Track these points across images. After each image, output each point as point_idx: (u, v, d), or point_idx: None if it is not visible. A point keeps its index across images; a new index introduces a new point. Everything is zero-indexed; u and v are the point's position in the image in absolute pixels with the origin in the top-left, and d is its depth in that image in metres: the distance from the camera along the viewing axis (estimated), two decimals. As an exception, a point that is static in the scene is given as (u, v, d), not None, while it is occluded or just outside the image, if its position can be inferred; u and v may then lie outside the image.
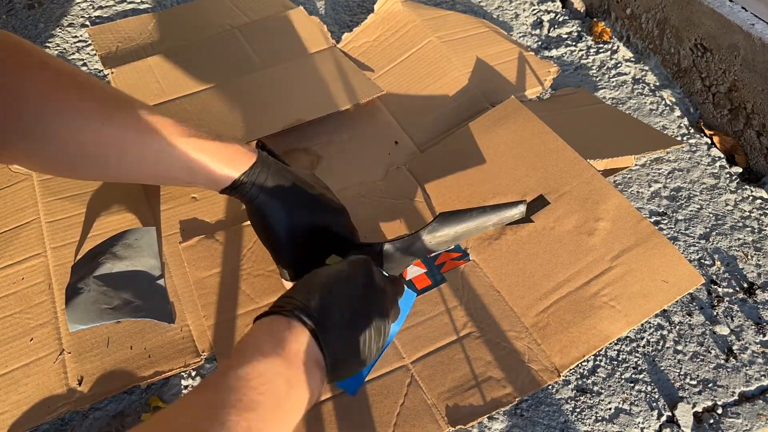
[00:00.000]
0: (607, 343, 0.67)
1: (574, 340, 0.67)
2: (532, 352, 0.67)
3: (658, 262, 0.70)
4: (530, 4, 1.27)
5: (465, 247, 0.76)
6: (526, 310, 0.70)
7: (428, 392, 0.65)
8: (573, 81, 1.09)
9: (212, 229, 0.79)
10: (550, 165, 0.79)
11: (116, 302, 0.70)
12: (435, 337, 0.69)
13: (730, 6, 0.95)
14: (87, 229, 0.79)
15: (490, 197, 0.79)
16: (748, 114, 0.93)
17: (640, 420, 0.66)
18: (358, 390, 0.64)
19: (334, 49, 1.07)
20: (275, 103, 0.95)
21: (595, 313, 0.68)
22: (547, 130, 0.83)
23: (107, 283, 0.71)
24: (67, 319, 0.68)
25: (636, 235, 0.72)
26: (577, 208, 0.75)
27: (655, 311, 0.67)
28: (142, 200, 0.83)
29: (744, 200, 0.88)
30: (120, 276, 0.72)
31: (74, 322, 0.68)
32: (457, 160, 0.84)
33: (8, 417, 0.63)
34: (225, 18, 1.15)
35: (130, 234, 0.75)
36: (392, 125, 0.97)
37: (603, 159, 0.84)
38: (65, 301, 0.69)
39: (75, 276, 0.71)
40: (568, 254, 0.72)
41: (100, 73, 1.09)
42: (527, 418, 0.66)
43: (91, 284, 0.71)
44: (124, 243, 0.74)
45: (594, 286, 0.70)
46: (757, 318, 0.75)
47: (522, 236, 0.75)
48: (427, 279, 0.74)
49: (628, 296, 0.68)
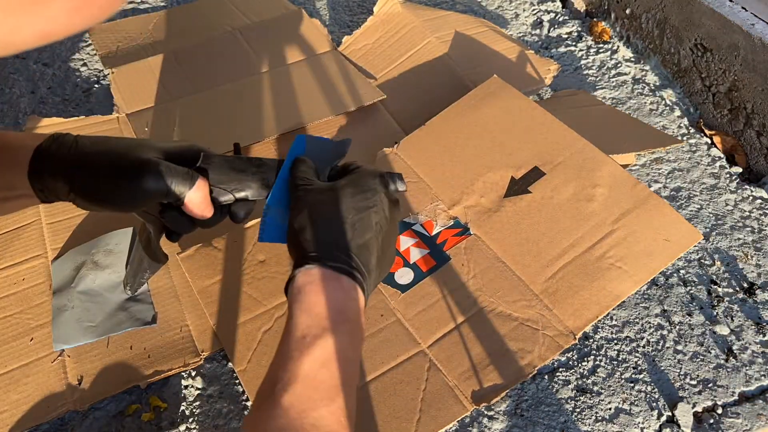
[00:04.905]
0: (618, 302, 0.68)
1: (585, 302, 0.68)
2: (545, 318, 0.68)
3: (658, 222, 0.71)
4: (530, 4, 1.27)
5: (464, 221, 0.77)
6: (535, 277, 0.71)
7: (448, 374, 0.65)
8: (573, 81, 1.09)
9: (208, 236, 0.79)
10: (541, 138, 0.80)
11: (99, 318, 0.70)
12: (447, 318, 0.69)
13: (730, 6, 0.94)
14: (87, 230, 0.79)
15: (484, 172, 0.80)
16: (748, 114, 0.93)
17: (640, 420, 0.66)
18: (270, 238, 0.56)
19: (335, 52, 1.07)
20: (275, 107, 0.95)
21: (603, 275, 0.69)
22: (534, 105, 0.84)
23: (91, 299, 0.71)
24: (53, 338, 0.69)
25: (634, 198, 0.73)
26: (573, 176, 0.76)
27: (661, 269, 0.69)
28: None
29: (744, 200, 0.88)
30: (102, 288, 0.72)
31: (58, 341, 0.68)
32: (446, 139, 0.84)
33: (8, 416, 0.64)
34: (225, 19, 1.15)
35: (110, 239, 0.76)
36: (392, 126, 0.97)
37: (603, 159, 0.85)
38: (52, 319, 0.70)
39: (58, 284, 0.72)
40: (570, 220, 0.73)
41: (100, 73, 1.10)
42: (527, 418, 0.66)
43: (75, 300, 0.71)
44: (105, 249, 0.75)
45: (599, 249, 0.71)
46: (757, 318, 0.75)
47: (521, 207, 0.75)
48: (431, 259, 0.74)
49: (633, 256, 0.69)
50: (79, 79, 1.09)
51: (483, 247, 0.75)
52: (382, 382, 0.65)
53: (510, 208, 0.76)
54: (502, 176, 0.79)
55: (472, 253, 0.74)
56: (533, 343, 0.67)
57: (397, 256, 0.75)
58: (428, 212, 0.79)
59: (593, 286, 0.69)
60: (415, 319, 0.69)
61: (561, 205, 0.75)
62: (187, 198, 0.50)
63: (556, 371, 0.70)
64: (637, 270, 0.69)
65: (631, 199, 0.73)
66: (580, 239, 0.72)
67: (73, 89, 1.07)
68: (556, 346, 0.66)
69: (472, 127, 0.84)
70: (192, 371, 0.69)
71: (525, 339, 0.67)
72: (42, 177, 0.49)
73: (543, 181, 0.77)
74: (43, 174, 0.49)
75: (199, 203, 0.51)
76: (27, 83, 1.08)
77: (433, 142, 0.85)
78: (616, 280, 0.68)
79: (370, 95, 0.97)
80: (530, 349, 0.66)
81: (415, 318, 0.70)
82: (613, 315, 0.75)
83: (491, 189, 0.78)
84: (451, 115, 0.87)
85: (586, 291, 0.68)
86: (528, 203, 0.76)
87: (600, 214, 0.73)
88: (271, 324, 0.70)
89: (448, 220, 0.78)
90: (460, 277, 0.72)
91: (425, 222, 0.78)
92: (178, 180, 0.50)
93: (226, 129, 0.92)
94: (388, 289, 0.72)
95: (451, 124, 0.86)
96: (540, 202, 0.76)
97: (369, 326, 0.69)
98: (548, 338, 0.67)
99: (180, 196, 0.50)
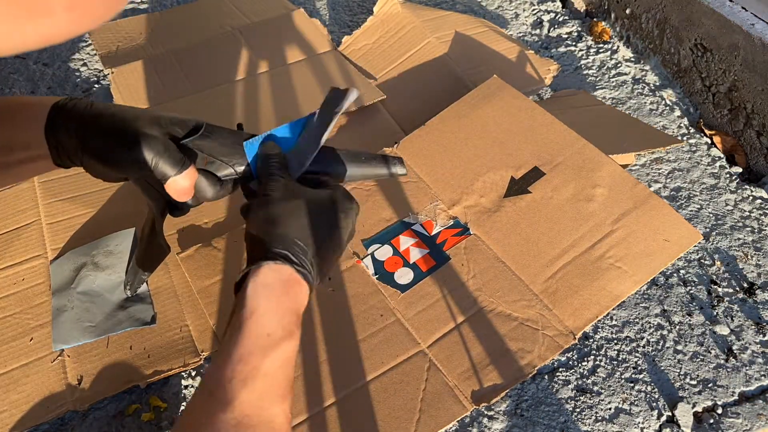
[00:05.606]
0: (618, 302, 0.68)
1: (585, 302, 0.68)
2: (545, 318, 0.68)
3: (657, 222, 0.71)
4: (530, 4, 1.27)
5: (464, 221, 0.77)
6: (534, 277, 0.71)
7: (448, 374, 0.65)
8: (573, 81, 1.09)
9: (209, 236, 0.79)
10: (541, 138, 0.81)
11: (99, 318, 0.70)
12: (447, 318, 0.69)
13: (730, 6, 0.94)
14: (87, 230, 0.79)
15: (484, 172, 0.80)
16: (748, 114, 0.93)
17: (640, 420, 0.66)
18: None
19: (335, 52, 1.07)
20: (276, 107, 0.95)
21: (602, 275, 0.69)
22: (534, 105, 0.84)
23: (90, 299, 0.71)
24: (52, 338, 0.69)
25: (633, 198, 0.74)
26: (572, 176, 0.77)
27: (661, 269, 0.69)
28: (143, 201, 0.83)
29: (744, 200, 0.88)
30: (102, 289, 0.72)
31: (58, 342, 0.68)
32: (446, 139, 0.85)
33: (8, 416, 0.64)
34: (225, 19, 1.15)
35: (111, 240, 0.76)
36: (392, 126, 0.97)
37: (603, 159, 0.85)
38: (52, 320, 0.70)
39: (57, 285, 0.72)
40: (569, 221, 0.73)
41: (100, 72, 1.10)
42: (527, 418, 0.66)
43: (75, 300, 0.71)
44: (105, 250, 0.75)
45: (598, 249, 0.71)
46: (757, 318, 0.74)
47: (521, 207, 0.76)
48: (431, 259, 0.74)
49: (632, 256, 0.70)
50: (79, 79, 1.09)
51: (483, 247, 0.75)
52: (382, 382, 0.65)
53: (510, 208, 0.76)
54: (502, 176, 0.79)
55: (472, 253, 0.74)
56: (533, 343, 0.67)
57: (398, 256, 0.75)
58: (428, 212, 0.79)
59: (593, 286, 0.69)
60: (415, 319, 0.69)
61: (561, 205, 0.75)
62: (171, 180, 0.51)
63: (556, 371, 0.70)
64: (636, 270, 0.69)
65: (631, 200, 0.73)
66: (580, 239, 0.72)
67: (73, 89, 1.07)
68: (556, 346, 0.66)
69: (472, 127, 0.84)
70: (192, 371, 0.69)
71: (525, 339, 0.67)
72: (58, 132, 0.50)
73: (543, 181, 0.77)
74: (59, 129, 0.50)
75: (178, 189, 0.51)
76: (27, 83, 1.08)
77: (433, 142, 0.85)
78: (615, 280, 0.69)
79: (370, 95, 0.97)
80: (530, 349, 0.66)
81: (414, 318, 0.70)
82: (613, 315, 0.75)
83: (491, 189, 0.79)
84: (451, 115, 0.87)
85: (585, 291, 0.68)
86: (528, 203, 0.76)
87: (599, 214, 0.73)
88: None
89: (448, 219, 0.78)
90: (460, 277, 0.72)
91: (425, 222, 0.78)
92: (170, 162, 0.50)
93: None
94: (387, 289, 0.72)
95: (451, 124, 0.86)
96: (540, 202, 0.76)
97: (369, 326, 0.69)
98: (548, 338, 0.67)
99: (164, 177, 0.50)
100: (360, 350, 0.67)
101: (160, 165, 0.50)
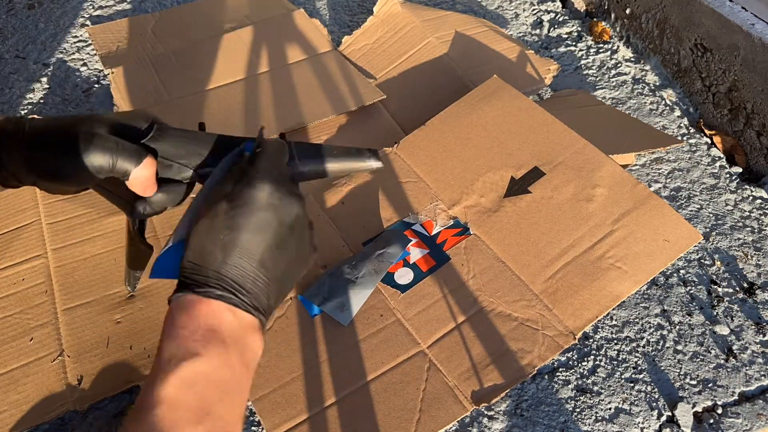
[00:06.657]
0: (618, 302, 0.68)
1: (585, 302, 0.68)
2: (545, 318, 0.68)
3: (657, 222, 0.71)
4: (530, 4, 1.27)
5: (464, 221, 0.77)
6: (534, 277, 0.71)
7: (448, 374, 0.65)
8: (573, 81, 1.09)
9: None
10: (541, 138, 0.81)
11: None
12: (447, 318, 0.69)
13: (730, 6, 0.95)
14: (87, 230, 0.79)
15: (484, 172, 0.80)
16: (748, 114, 0.93)
17: (640, 420, 0.66)
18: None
19: (335, 52, 1.07)
20: (275, 106, 0.95)
21: (602, 275, 0.69)
22: (534, 105, 0.84)
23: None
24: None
25: (633, 198, 0.74)
26: (572, 176, 0.77)
27: (661, 269, 0.69)
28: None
29: (744, 200, 0.88)
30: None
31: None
32: (446, 139, 0.85)
33: (8, 416, 0.64)
34: (225, 19, 1.15)
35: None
36: (392, 126, 0.97)
37: (603, 159, 0.85)
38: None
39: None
40: (570, 221, 0.73)
41: (100, 72, 1.10)
42: (527, 418, 0.66)
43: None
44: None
45: (599, 249, 0.71)
46: (757, 318, 0.75)
47: (521, 207, 0.76)
48: (431, 259, 0.74)
49: (632, 257, 0.70)
50: (79, 79, 1.09)
51: (483, 247, 0.75)
52: (382, 382, 0.65)
53: (510, 208, 0.76)
54: (502, 176, 0.79)
55: (472, 253, 0.74)
56: (533, 343, 0.67)
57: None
58: (428, 212, 0.79)
59: (593, 286, 0.69)
60: (415, 319, 0.69)
61: (561, 205, 0.75)
62: (133, 175, 0.48)
63: (556, 371, 0.70)
64: (636, 270, 0.69)
65: (631, 200, 0.73)
66: (580, 239, 0.72)
67: (73, 89, 1.07)
68: (556, 346, 0.66)
69: (472, 127, 0.84)
70: (192, 371, 0.69)
71: (525, 339, 0.67)
72: (0, 156, 0.47)
73: (543, 181, 0.77)
74: (1, 153, 0.47)
75: (143, 181, 0.48)
76: (27, 83, 1.08)
77: (433, 142, 0.85)
78: (615, 281, 0.69)
79: (370, 95, 0.97)
80: (530, 349, 0.66)
81: (414, 318, 0.70)
82: (613, 315, 0.75)
83: (491, 189, 0.79)
84: (450, 115, 0.87)
85: (585, 291, 0.68)
86: (528, 203, 0.76)
87: (599, 214, 0.73)
88: (271, 324, 0.70)
89: (448, 219, 0.78)
90: (460, 277, 0.72)
91: (425, 222, 0.78)
92: (125, 156, 0.47)
93: (226, 129, 0.92)
94: (387, 289, 0.72)
95: (450, 124, 0.86)
96: (540, 202, 0.76)
97: (369, 326, 0.69)
98: (548, 338, 0.67)
99: (125, 173, 0.48)
100: (360, 350, 0.68)
101: (119, 162, 0.47)
